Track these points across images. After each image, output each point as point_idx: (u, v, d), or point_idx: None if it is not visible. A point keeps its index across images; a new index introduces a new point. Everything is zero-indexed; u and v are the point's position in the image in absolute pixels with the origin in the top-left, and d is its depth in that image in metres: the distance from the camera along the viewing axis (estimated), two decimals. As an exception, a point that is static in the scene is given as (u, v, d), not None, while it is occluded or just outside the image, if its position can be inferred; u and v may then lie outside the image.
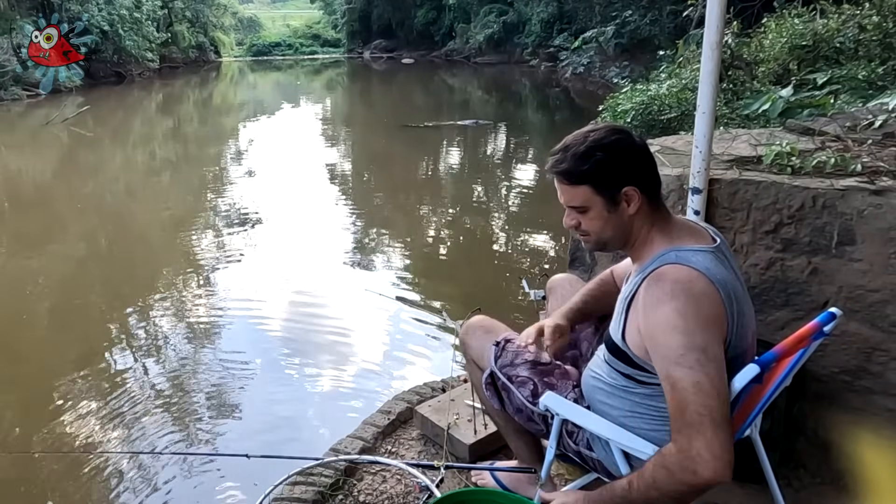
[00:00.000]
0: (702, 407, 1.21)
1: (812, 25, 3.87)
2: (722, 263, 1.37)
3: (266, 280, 5.55)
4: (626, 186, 1.38)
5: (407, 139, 12.34)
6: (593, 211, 1.41)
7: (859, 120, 2.44)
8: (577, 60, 18.57)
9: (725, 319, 1.30)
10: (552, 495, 1.50)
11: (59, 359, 4.30)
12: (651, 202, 1.42)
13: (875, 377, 1.91)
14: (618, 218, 1.41)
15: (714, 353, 1.25)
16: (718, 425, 1.21)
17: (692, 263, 1.32)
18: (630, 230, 1.43)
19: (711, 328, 1.27)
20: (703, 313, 1.27)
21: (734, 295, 1.34)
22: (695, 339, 1.24)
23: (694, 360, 1.23)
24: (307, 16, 46.16)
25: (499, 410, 1.84)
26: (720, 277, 1.32)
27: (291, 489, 2.18)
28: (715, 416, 1.21)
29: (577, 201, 1.42)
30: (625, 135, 1.42)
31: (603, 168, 1.37)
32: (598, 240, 1.46)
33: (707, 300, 1.28)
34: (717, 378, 1.23)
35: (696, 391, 1.22)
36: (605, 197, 1.39)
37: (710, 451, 1.20)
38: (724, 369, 1.26)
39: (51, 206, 8.55)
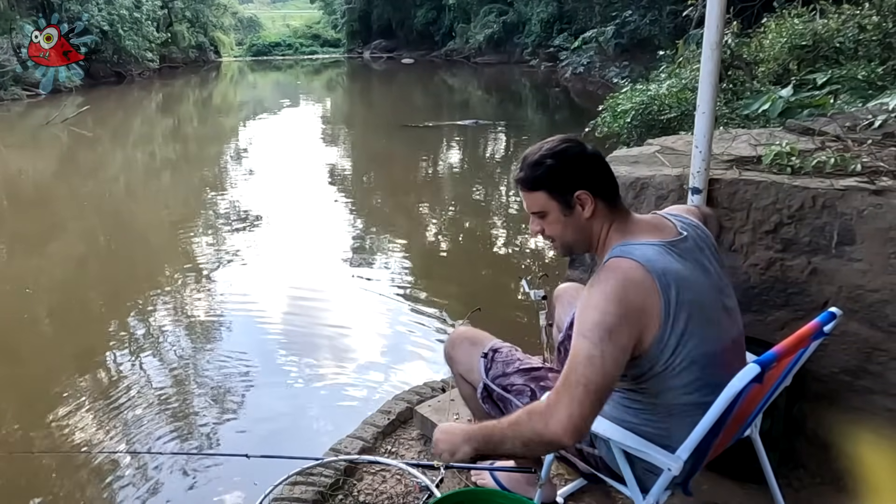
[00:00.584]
0: (583, 377, 1.29)
1: (812, 25, 3.87)
2: (673, 254, 1.41)
3: (266, 280, 5.55)
4: (579, 190, 1.46)
5: (407, 139, 12.34)
6: (551, 215, 1.50)
7: (859, 120, 2.44)
8: (577, 60, 18.55)
9: (659, 310, 1.34)
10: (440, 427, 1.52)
11: (60, 358, 4.30)
12: (608, 205, 1.48)
13: (875, 377, 1.91)
14: (575, 221, 1.48)
15: (619, 340, 1.31)
16: (587, 397, 1.28)
17: (631, 254, 1.38)
18: (590, 233, 1.49)
19: (628, 316, 1.32)
20: (625, 299, 1.33)
21: (682, 285, 1.37)
22: (606, 319, 1.31)
23: (598, 337, 1.30)
24: (307, 16, 46.16)
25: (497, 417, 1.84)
26: (661, 267, 1.36)
27: (291, 489, 2.18)
28: (590, 388, 1.28)
29: (536, 207, 1.51)
30: (575, 143, 1.50)
31: (554, 173, 1.46)
32: (562, 243, 1.54)
33: (634, 288, 1.34)
34: (609, 359, 1.29)
35: (586, 362, 1.30)
36: (559, 201, 1.48)
37: (569, 412, 1.28)
38: (621, 357, 1.31)
39: (51, 205, 8.55)
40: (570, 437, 1.29)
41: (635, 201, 2.23)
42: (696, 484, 1.99)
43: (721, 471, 2.04)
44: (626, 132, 4.36)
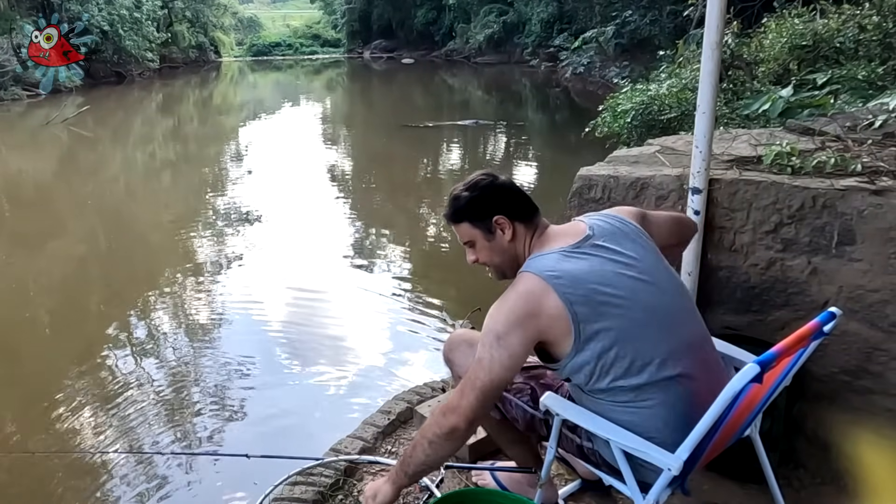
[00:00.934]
0: (474, 375, 1.48)
1: (812, 25, 3.87)
2: (574, 255, 1.52)
3: (266, 280, 5.55)
4: (496, 215, 1.62)
5: (407, 139, 12.34)
6: (478, 243, 1.66)
7: (859, 120, 2.44)
8: (577, 60, 18.55)
9: (562, 311, 1.45)
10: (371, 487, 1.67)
11: (60, 358, 4.30)
12: (525, 226, 1.64)
13: (875, 377, 1.91)
14: (498, 245, 1.64)
15: (508, 343, 1.46)
16: (475, 391, 1.47)
17: (529, 268, 1.53)
18: (514, 253, 1.64)
19: (517, 324, 1.46)
20: (515, 308, 1.48)
21: (582, 279, 1.48)
22: (497, 327, 1.48)
23: (488, 341, 1.48)
24: (307, 16, 46.14)
25: (499, 421, 1.84)
26: (556, 271, 1.49)
27: (291, 489, 2.18)
28: (477, 384, 1.47)
29: (464, 237, 1.68)
30: (488, 175, 1.69)
31: (472, 203, 1.64)
32: (494, 268, 1.69)
33: (525, 297, 1.48)
34: (497, 361, 1.46)
35: (477, 364, 1.48)
36: (481, 228, 1.64)
37: (465, 407, 1.48)
38: (513, 360, 1.47)
39: (51, 206, 8.55)
40: (464, 424, 1.49)
41: (635, 201, 2.23)
42: (696, 484, 2.00)
43: (721, 471, 2.04)
44: (627, 132, 4.36)
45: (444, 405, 1.53)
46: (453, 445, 1.55)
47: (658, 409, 1.47)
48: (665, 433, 1.46)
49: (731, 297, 2.11)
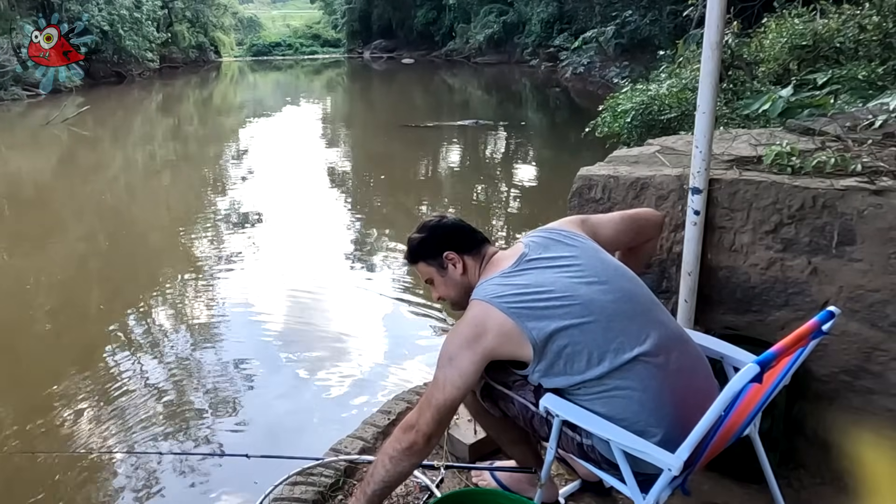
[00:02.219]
0: (430, 395, 1.61)
1: (812, 25, 3.86)
2: (512, 275, 1.65)
3: (266, 279, 5.55)
4: (446, 251, 1.79)
5: (407, 139, 12.34)
6: (436, 279, 1.83)
7: (859, 120, 2.44)
8: (577, 60, 18.55)
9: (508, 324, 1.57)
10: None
11: (60, 358, 4.30)
12: (473, 258, 1.79)
13: (875, 377, 1.91)
14: (451, 278, 1.80)
15: (460, 365, 1.58)
16: (433, 410, 1.59)
17: (476, 295, 1.66)
18: (468, 285, 1.77)
19: (466, 344, 1.59)
20: (465, 332, 1.61)
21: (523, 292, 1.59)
22: (450, 349, 1.61)
23: (442, 363, 1.61)
24: (307, 16, 46.15)
25: (498, 419, 1.85)
26: (498, 295, 1.61)
27: (291, 489, 2.18)
28: (432, 403, 1.60)
29: (424, 276, 1.86)
30: (435, 218, 1.89)
31: (423, 244, 1.83)
32: (452, 301, 1.83)
33: (472, 321, 1.61)
34: (449, 380, 1.58)
35: (433, 383, 1.62)
36: (434, 265, 1.82)
37: (420, 420, 1.60)
38: (463, 379, 1.58)
39: (51, 206, 8.55)
40: (422, 440, 1.60)
41: (635, 201, 2.23)
42: (696, 484, 2.00)
43: (721, 471, 2.04)
44: (626, 132, 4.35)
45: (403, 423, 1.64)
46: (411, 461, 1.63)
47: (631, 393, 1.51)
48: (644, 416, 1.49)
49: (731, 297, 2.11)
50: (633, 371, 1.52)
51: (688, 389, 1.55)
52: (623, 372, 1.52)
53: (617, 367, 1.52)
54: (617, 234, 1.85)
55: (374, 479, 1.65)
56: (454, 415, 1.69)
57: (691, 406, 1.48)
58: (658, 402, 1.50)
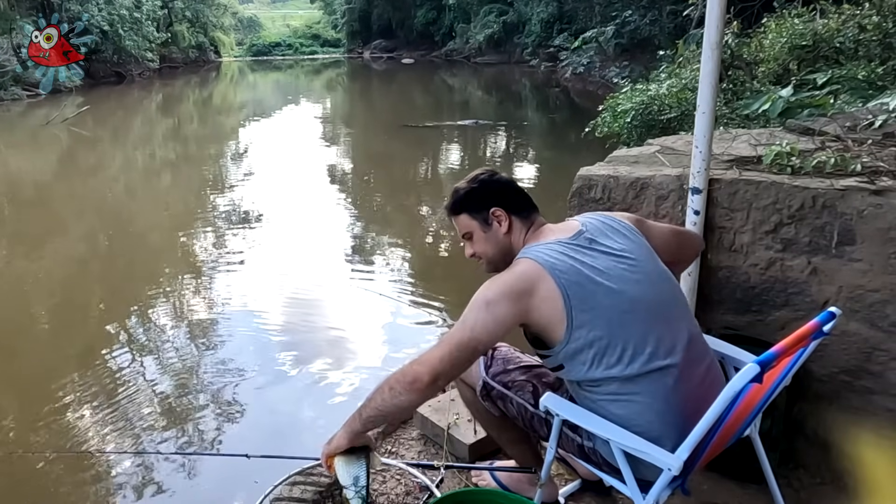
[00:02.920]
0: (456, 334, 1.49)
1: (812, 25, 3.87)
2: (569, 247, 1.55)
3: (266, 280, 5.55)
4: (493, 207, 1.68)
5: (407, 139, 12.34)
6: (475, 234, 1.72)
7: (859, 120, 2.44)
8: (577, 60, 18.56)
9: (555, 295, 1.48)
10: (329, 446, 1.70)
11: (60, 358, 4.30)
12: (522, 221, 1.69)
13: (875, 377, 1.91)
14: (494, 237, 1.69)
15: (495, 310, 1.47)
16: (452, 346, 1.48)
17: (527, 254, 1.56)
18: (509, 247, 1.68)
19: (509, 296, 1.49)
20: (508, 282, 1.51)
21: (577, 276, 1.50)
22: (487, 294, 1.50)
23: (474, 306, 1.50)
24: (307, 16, 46.18)
25: (498, 418, 1.85)
26: (554, 261, 1.51)
27: (291, 489, 2.18)
28: (453, 340, 1.48)
29: (463, 229, 1.74)
30: (489, 171, 1.77)
31: (471, 196, 1.72)
32: (488, 260, 1.72)
33: (520, 276, 1.51)
34: (480, 324, 1.47)
35: (460, 324, 1.50)
36: (478, 220, 1.70)
37: (432, 360, 1.48)
38: (495, 326, 1.47)
39: (51, 206, 8.55)
40: (427, 375, 1.47)
41: (635, 201, 2.23)
42: (696, 484, 2.00)
43: (721, 471, 2.04)
44: (626, 132, 4.36)
45: (416, 358, 1.53)
46: (410, 398, 1.53)
47: (651, 401, 1.48)
48: (658, 426, 1.47)
49: (731, 297, 2.11)
50: (660, 381, 1.48)
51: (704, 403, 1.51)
52: (650, 378, 1.48)
53: (646, 372, 1.48)
54: (663, 244, 1.74)
55: (370, 404, 1.60)
56: (469, 366, 1.59)
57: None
58: (676, 415, 1.47)
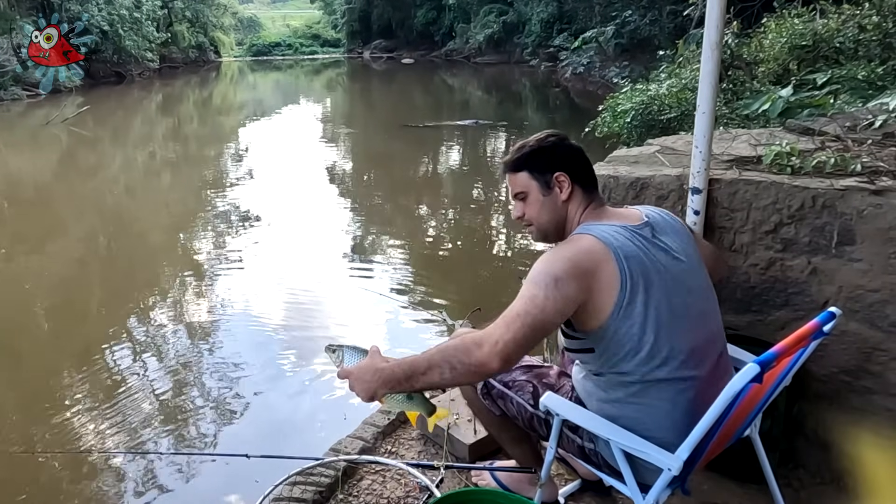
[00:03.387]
0: (523, 311, 1.35)
1: (812, 25, 3.87)
2: (634, 236, 1.47)
3: (265, 280, 5.55)
4: (557, 171, 1.57)
5: (407, 139, 12.34)
6: (531, 195, 1.60)
7: (859, 120, 2.44)
8: (577, 60, 18.57)
9: (615, 279, 1.41)
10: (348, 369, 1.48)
11: (60, 359, 4.30)
12: (584, 193, 1.58)
13: (875, 377, 1.91)
14: (552, 203, 1.58)
15: (564, 289, 1.37)
16: (521, 328, 1.34)
17: (591, 231, 1.47)
18: (564, 216, 1.59)
19: (576, 273, 1.39)
20: (574, 258, 1.41)
21: (637, 260, 1.44)
22: (553, 268, 1.39)
23: (542, 282, 1.37)
24: (307, 16, 46.19)
25: (498, 417, 1.84)
26: (617, 244, 1.44)
27: (291, 489, 2.18)
28: (527, 321, 1.34)
29: (518, 187, 1.61)
30: (557, 134, 1.64)
31: (535, 154, 1.59)
32: (539, 226, 1.62)
33: (586, 254, 1.42)
34: (550, 301, 1.36)
35: (528, 299, 1.37)
36: (539, 181, 1.59)
37: (504, 339, 1.33)
38: (564, 304, 1.37)
39: (51, 206, 8.55)
40: (497, 361, 1.33)
41: (635, 201, 2.22)
42: (696, 484, 2.00)
43: (721, 471, 2.04)
44: (626, 132, 4.36)
45: (479, 334, 1.38)
46: (472, 380, 1.44)
47: (670, 408, 1.46)
48: (670, 433, 1.46)
49: (731, 297, 2.11)
50: (682, 391, 1.45)
51: None
52: (673, 386, 1.45)
53: (671, 378, 1.44)
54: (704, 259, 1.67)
55: (422, 378, 1.40)
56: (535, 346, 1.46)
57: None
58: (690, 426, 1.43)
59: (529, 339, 1.35)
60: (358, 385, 1.43)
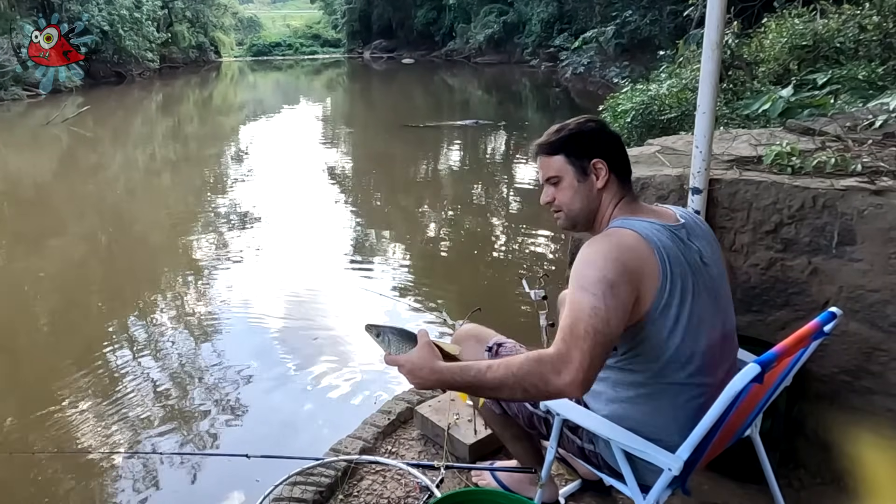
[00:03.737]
0: (591, 327, 1.28)
1: (812, 25, 3.87)
2: (671, 235, 1.44)
3: (266, 280, 5.55)
4: (595, 158, 1.51)
5: (407, 139, 12.34)
6: (565, 181, 1.54)
7: (859, 120, 2.44)
8: (577, 60, 18.58)
9: (656, 279, 1.37)
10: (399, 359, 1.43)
11: (60, 359, 4.30)
12: (620, 182, 1.53)
13: (875, 377, 1.91)
14: (587, 189, 1.53)
15: (621, 295, 1.32)
16: (595, 348, 1.28)
17: (630, 226, 1.42)
18: (597, 205, 1.53)
19: (625, 275, 1.33)
20: (622, 258, 1.35)
21: (677, 261, 1.41)
22: (607, 275, 1.32)
23: (600, 290, 1.31)
24: (307, 16, 46.20)
25: (500, 415, 1.84)
26: (659, 242, 1.40)
27: (291, 489, 2.18)
28: (599, 339, 1.28)
29: (551, 171, 1.55)
30: (597, 120, 1.59)
31: (573, 139, 1.53)
32: (567, 213, 1.56)
33: (632, 252, 1.37)
34: (613, 312, 1.30)
35: (592, 314, 1.29)
36: (575, 167, 1.53)
37: (582, 363, 1.27)
38: (624, 313, 1.32)
39: (51, 206, 8.55)
40: (578, 389, 1.28)
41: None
42: (696, 484, 2.00)
43: (721, 471, 2.04)
44: (627, 132, 4.36)
45: (551, 358, 1.29)
46: (545, 400, 1.41)
47: (682, 417, 1.44)
48: (675, 437, 1.45)
49: (731, 297, 2.11)
50: (695, 399, 1.44)
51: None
52: (684, 391, 1.44)
53: (688, 384, 1.43)
54: None
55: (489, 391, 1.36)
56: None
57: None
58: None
59: (602, 358, 1.30)
60: (412, 377, 1.40)
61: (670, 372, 1.42)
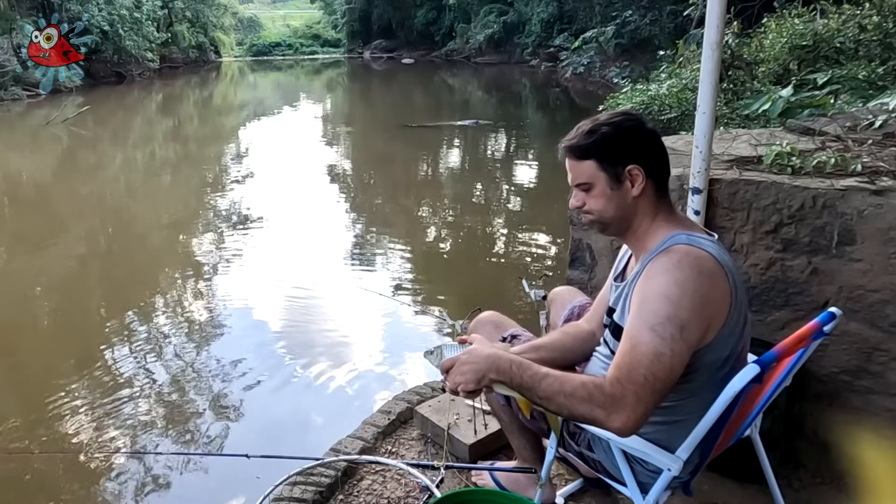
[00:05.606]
0: (651, 375, 1.23)
1: (812, 25, 3.87)
2: (729, 255, 1.40)
3: (266, 280, 5.55)
4: (631, 164, 1.38)
5: (407, 139, 12.34)
6: (597, 188, 1.42)
7: (859, 120, 2.44)
8: (577, 60, 18.58)
9: (728, 306, 1.30)
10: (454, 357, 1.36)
11: (60, 358, 4.29)
12: (657, 189, 1.42)
13: (875, 377, 1.91)
14: (621, 197, 1.41)
15: (689, 337, 1.25)
16: (653, 395, 1.23)
17: (703, 246, 1.33)
18: (633, 214, 1.42)
19: (701, 311, 1.26)
20: (700, 291, 1.27)
21: (741, 288, 1.36)
22: (680, 314, 1.25)
23: (668, 333, 1.24)
24: (307, 16, 46.19)
25: (504, 406, 1.84)
26: (727, 264, 1.33)
27: (291, 489, 2.18)
28: (657, 387, 1.23)
29: (582, 177, 1.42)
30: (634, 118, 1.44)
31: (608, 143, 1.39)
32: (600, 219, 1.45)
33: (711, 281, 1.28)
34: (677, 359, 1.24)
35: (654, 359, 1.23)
36: (608, 173, 1.40)
37: (635, 411, 1.22)
38: (687, 356, 1.27)
39: (51, 206, 8.55)
40: (628, 433, 1.25)
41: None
42: (696, 484, 1.99)
43: (721, 471, 2.04)
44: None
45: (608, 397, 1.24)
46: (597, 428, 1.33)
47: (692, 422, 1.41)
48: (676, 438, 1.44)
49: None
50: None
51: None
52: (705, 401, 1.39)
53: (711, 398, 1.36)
54: None
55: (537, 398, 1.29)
56: None
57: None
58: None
59: (658, 403, 1.26)
60: (467, 367, 1.32)
61: (706, 393, 1.36)
